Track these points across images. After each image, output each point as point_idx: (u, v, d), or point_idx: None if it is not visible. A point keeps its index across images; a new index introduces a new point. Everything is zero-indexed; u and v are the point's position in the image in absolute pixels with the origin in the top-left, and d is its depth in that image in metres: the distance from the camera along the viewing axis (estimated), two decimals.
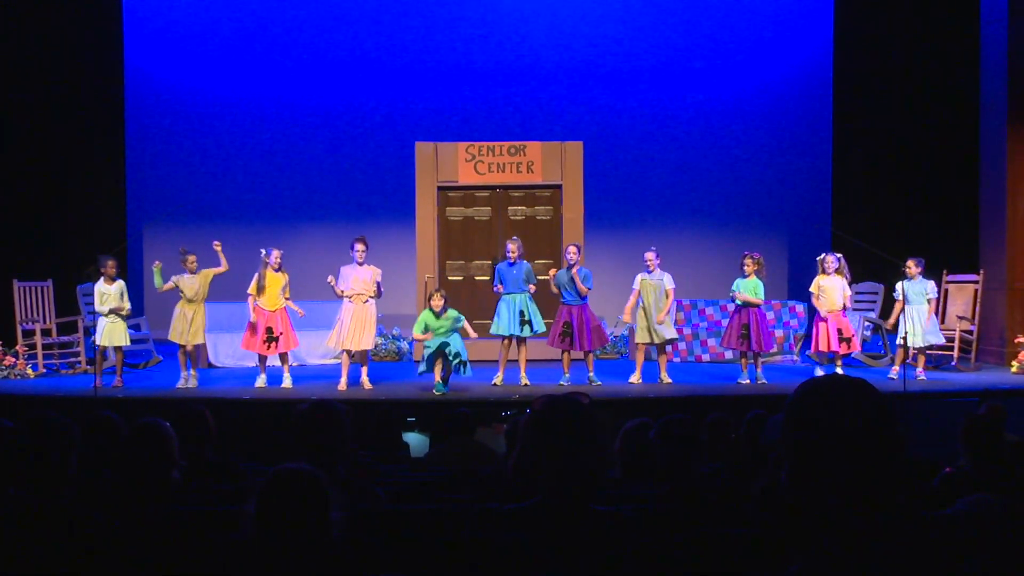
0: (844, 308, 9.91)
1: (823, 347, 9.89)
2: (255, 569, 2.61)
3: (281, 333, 9.61)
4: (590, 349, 9.82)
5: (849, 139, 14.60)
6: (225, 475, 4.52)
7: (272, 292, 9.64)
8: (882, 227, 13.39)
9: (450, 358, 9.32)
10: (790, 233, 14.89)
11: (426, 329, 9.36)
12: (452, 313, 9.42)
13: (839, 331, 9.80)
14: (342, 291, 9.62)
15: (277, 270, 9.68)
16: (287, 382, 9.71)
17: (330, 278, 9.66)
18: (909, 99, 13.93)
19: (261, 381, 9.71)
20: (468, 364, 9.35)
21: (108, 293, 9.74)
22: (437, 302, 9.38)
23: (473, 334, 9.69)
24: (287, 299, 9.75)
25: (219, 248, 9.83)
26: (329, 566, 2.63)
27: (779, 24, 14.86)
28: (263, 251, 9.78)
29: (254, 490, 2.66)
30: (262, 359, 9.80)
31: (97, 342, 9.73)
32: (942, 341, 10.35)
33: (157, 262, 9.71)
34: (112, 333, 9.73)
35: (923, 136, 13.80)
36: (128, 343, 9.99)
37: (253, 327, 9.62)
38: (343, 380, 9.62)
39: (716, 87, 14.84)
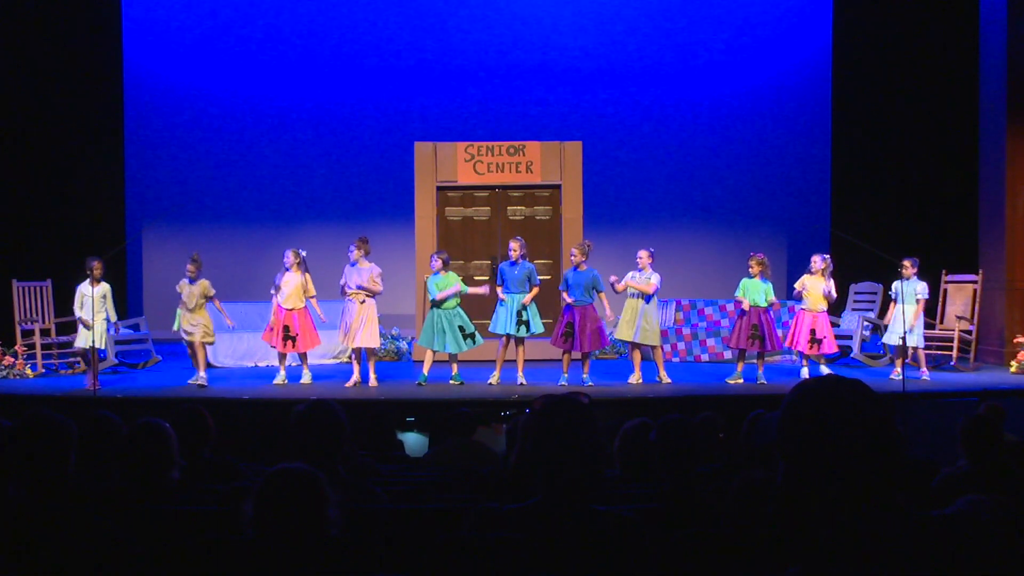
0: (833, 310, 9.94)
1: (788, 343, 10.00)
2: (254, 569, 2.61)
3: (298, 333, 9.73)
4: (589, 350, 9.82)
5: (849, 138, 14.60)
6: (224, 475, 4.52)
7: (287, 291, 9.75)
8: (881, 227, 13.39)
9: (464, 337, 9.79)
10: (789, 233, 14.89)
11: (438, 288, 9.85)
12: (453, 276, 9.95)
13: (812, 331, 9.81)
14: (346, 291, 9.87)
15: (289, 269, 9.76)
16: (306, 378, 9.90)
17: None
18: (909, 99, 13.93)
19: (280, 379, 9.84)
20: (477, 334, 9.94)
21: (87, 295, 9.74)
22: (437, 263, 9.88)
23: (480, 290, 10.17)
24: (311, 298, 9.88)
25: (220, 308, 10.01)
26: (328, 565, 2.63)
27: (779, 24, 14.86)
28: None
29: (252, 490, 2.66)
30: (281, 358, 9.96)
31: (76, 343, 9.79)
32: (921, 345, 10.21)
33: (180, 311, 9.83)
34: (88, 334, 9.70)
35: (922, 136, 13.80)
36: (103, 347, 9.90)
37: (273, 324, 9.83)
38: (352, 379, 9.84)
39: (715, 87, 14.85)
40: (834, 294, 9.95)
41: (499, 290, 9.93)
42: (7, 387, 9.91)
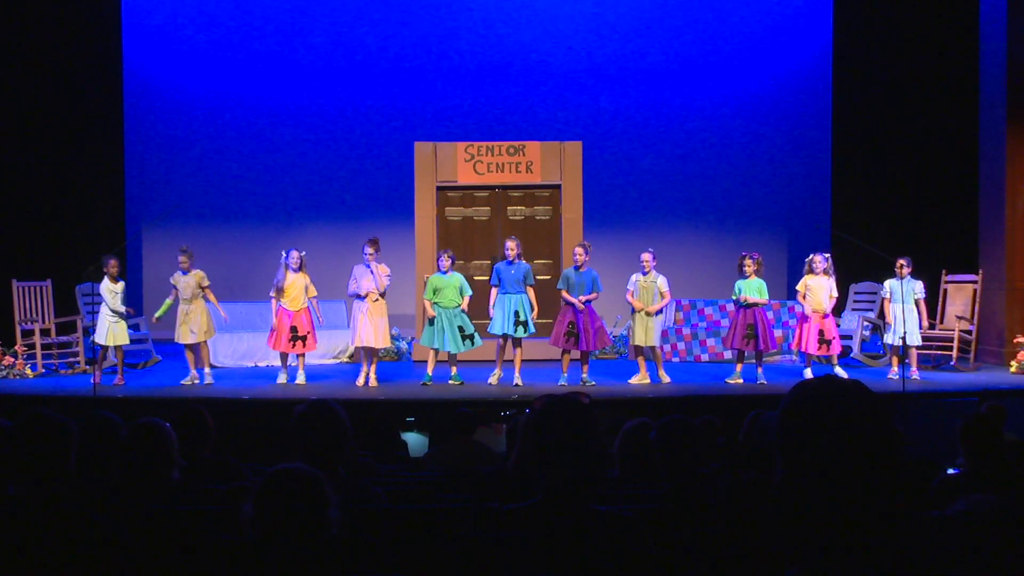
0: (833, 310, 9.92)
1: (803, 347, 9.93)
2: (254, 569, 2.61)
3: (307, 332, 9.80)
4: (595, 349, 9.83)
5: (849, 139, 14.60)
6: (224, 475, 4.52)
7: (292, 292, 9.76)
8: (881, 227, 13.40)
9: (463, 338, 9.75)
10: (790, 233, 14.89)
11: (435, 291, 9.78)
12: (458, 276, 9.91)
13: (820, 332, 9.79)
14: (358, 292, 9.80)
15: (296, 270, 9.77)
16: (301, 379, 9.86)
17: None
18: (909, 99, 13.93)
19: (283, 378, 9.90)
20: (476, 335, 9.89)
21: (116, 291, 9.81)
22: (445, 262, 9.84)
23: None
24: (312, 298, 9.90)
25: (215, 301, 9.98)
26: (328, 565, 2.63)
27: (779, 24, 14.87)
28: (283, 252, 9.94)
29: (252, 490, 2.66)
30: (283, 358, 9.98)
31: (99, 341, 9.77)
32: (919, 343, 10.26)
33: (169, 300, 9.86)
34: (115, 332, 9.78)
35: (922, 135, 13.80)
36: (128, 342, 10.07)
37: (277, 327, 9.79)
38: (361, 377, 9.82)
39: (716, 87, 14.85)
40: (835, 292, 9.97)
41: (493, 291, 9.94)
42: (7, 387, 9.91)
